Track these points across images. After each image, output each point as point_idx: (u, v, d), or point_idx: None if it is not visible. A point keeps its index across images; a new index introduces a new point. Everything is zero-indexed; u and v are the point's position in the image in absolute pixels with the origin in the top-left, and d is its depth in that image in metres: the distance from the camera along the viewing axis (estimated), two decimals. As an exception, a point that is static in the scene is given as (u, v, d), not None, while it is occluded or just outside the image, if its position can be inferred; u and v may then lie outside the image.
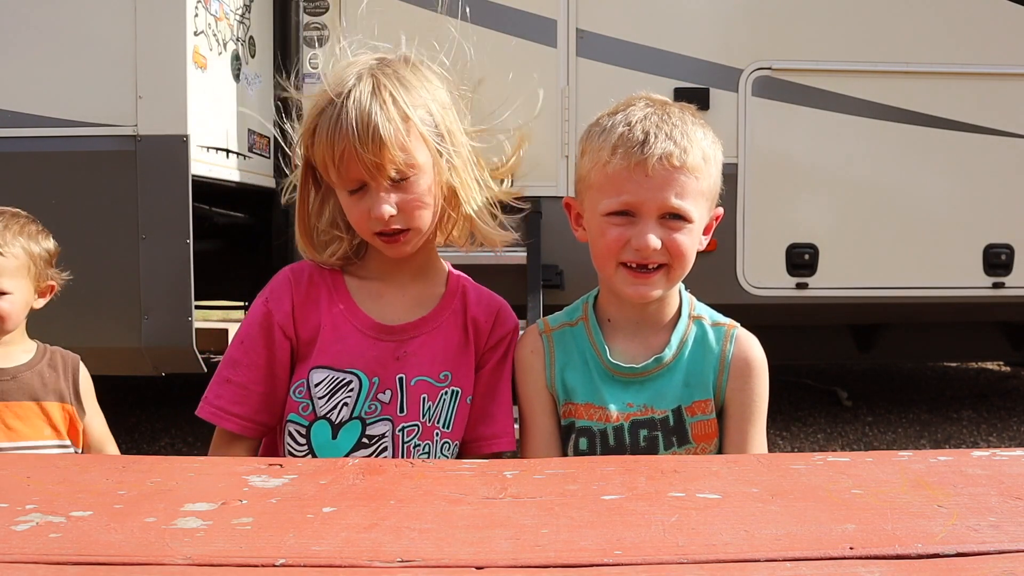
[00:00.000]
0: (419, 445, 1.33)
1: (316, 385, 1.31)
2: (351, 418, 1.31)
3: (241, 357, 1.33)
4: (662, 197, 1.25)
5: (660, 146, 1.24)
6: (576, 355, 1.36)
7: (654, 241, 1.25)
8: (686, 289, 1.40)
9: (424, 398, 1.33)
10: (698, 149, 1.27)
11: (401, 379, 1.32)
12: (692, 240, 1.28)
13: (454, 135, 1.33)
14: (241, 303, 5.67)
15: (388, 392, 1.32)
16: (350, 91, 1.26)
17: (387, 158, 1.24)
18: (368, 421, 1.31)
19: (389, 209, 1.26)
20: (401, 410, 1.32)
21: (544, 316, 1.50)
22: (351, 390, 1.31)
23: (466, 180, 1.34)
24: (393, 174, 1.25)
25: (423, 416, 1.33)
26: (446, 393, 1.34)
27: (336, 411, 1.31)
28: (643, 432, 1.32)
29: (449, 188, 1.33)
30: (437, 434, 1.34)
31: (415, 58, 1.36)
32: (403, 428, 1.32)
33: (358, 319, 1.34)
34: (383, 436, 1.32)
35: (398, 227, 1.28)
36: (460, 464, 0.98)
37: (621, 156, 1.26)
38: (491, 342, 1.39)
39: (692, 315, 1.37)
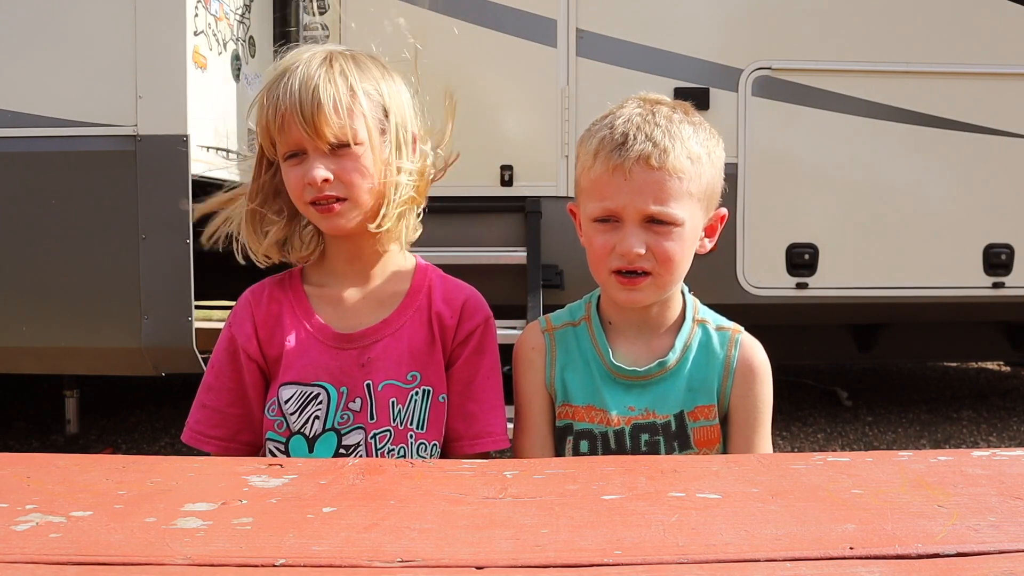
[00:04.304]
0: (393, 450, 1.31)
1: (286, 401, 1.30)
2: (324, 430, 1.30)
3: (213, 382, 1.35)
4: (641, 201, 1.23)
5: (638, 148, 1.22)
6: (577, 356, 1.35)
7: (636, 247, 1.23)
8: (690, 292, 1.39)
9: (393, 402, 1.31)
10: (682, 149, 1.23)
11: (369, 385, 1.31)
12: (681, 244, 1.26)
13: (404, 126, 1.32)
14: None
15: (358, 400, 1.31)
16: (299, 63, 1.27)
17: (324, 121, 1.23)
18: (343, 431, 1.30)
19: (323, 172, 1.25)
20: (372, 417, 1.30)
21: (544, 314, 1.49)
22: (320, 403, 1.30)
23: (403, 170, 1.32)
24: (330, 138, 1.24)
25: (393, 420, 1.31)
26: (416, 394, 1.32)
27: (309, 425, 1.30)
28: (644, 436, 1.30)
29: (386, 171, 1.31)
30: (411, 436, 1.31)
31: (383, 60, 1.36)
32: (375, 435, 1.30)
33: (318, 330, 1.33)
34: (358, 445, 1.30)
35: (334, 195, 1.27)
36: (460, 464, 0.98)
37: (601, 160, 1.24)
38: (459, 337, 1.35)
39: (696, 319, 1.35)
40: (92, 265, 3.08)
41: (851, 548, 0.71)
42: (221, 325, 1.41)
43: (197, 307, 3.12)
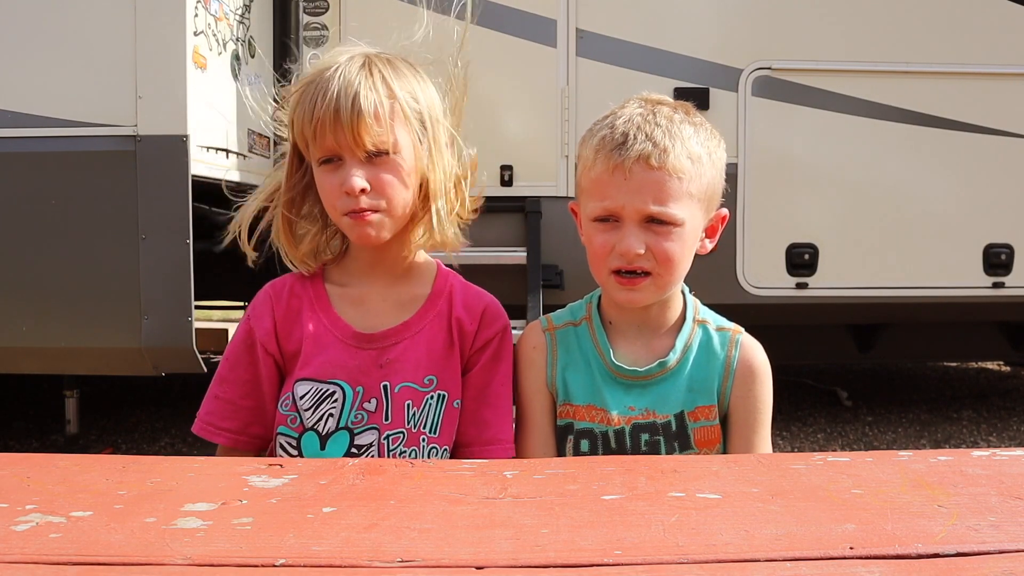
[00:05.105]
0: (404, 452, 1.31)
1: (301, 397, 1.30)
2: (338, 428, 1.30)
3: (227, 374, 1.35)
4: (640, 201, 1.23)
5: (638, 147, 1.22)
6: (578, 355, 1.35)
7: (636, 246, 1.23)
8: (691, 292, 1.39)
9: (408, 404, 1.31)
10: (682, 149, 1.23)
11: (386, 387, 1.31)
12: (681, 245, 1.26)
13: (437, 130, 1.31)
14: (241, 303, 5.67)
15: (373, 401, 1.31)
16: (339, 66, 1.26)
17: (364, 129, 1.22)
18: (356, 431, 1.30)
19: (360, 182, 1.24)
20: (386, 418, 1.30)
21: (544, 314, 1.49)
22: (335, 401, 1.30)
23: (439, 177, 1.31)
24: (369, 146, 1.23)
25: (408, 423, 1.31)
26: (432, 398, 1.32)
27: (322, 422, 1.30)
28: (644, 436, 1.30)
29: (423, 181, 1.31)
30: (424, 440, 1.32)
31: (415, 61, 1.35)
32: (388, 436, 1.30)
33: (338, 328, 1.32)
34: (370, 446, 1.30)
35: (367, 208, 1.26)
36: (460, 464, 0.98)
37: (602, 160, 1.24)
38: (477, 344, 1.36)
39: (696, 319, 1.35)
40: (92, 265, 3.08)
41: (851, 548, 0.71)
42: (221, 325, 1.42)
43: (197, 307, 3.12)
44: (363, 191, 1.24)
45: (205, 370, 3.09)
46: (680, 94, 3.57)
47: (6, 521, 0.78)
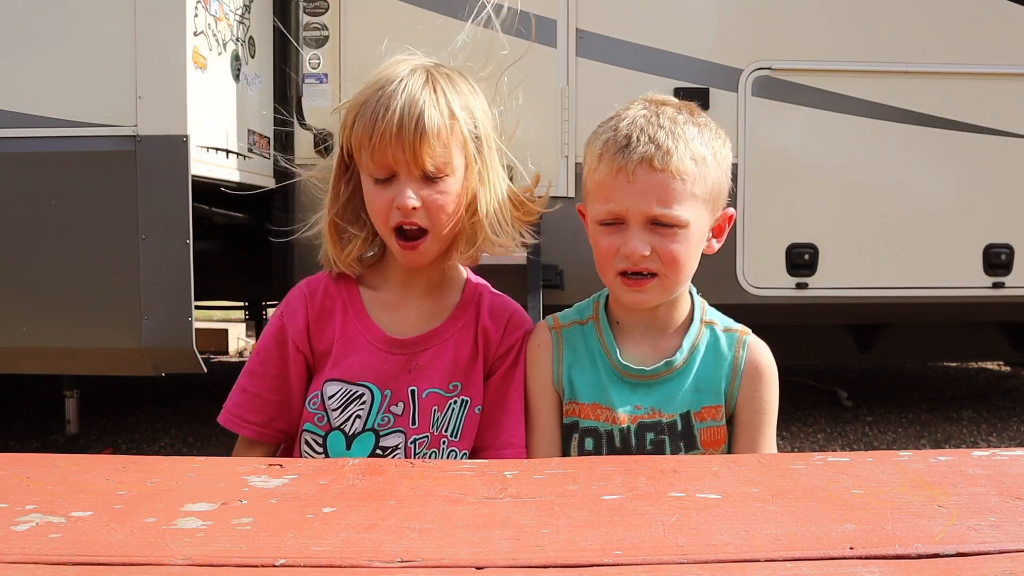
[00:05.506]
0: (426, 454, 1.33)
1: (330, 397, 1.32)
2: (364, 430, 1.32)
3: (257, 368, 1.36)
4: (645, 204, 1.23)
5: (641, 150, 1.22)
6: (584, 354, 1.35)
7: (641, 248, 1.23)
8: (698, 293, 1.39)
9: (435, 409, 1.33)
10: (686, 150, 1.23)
11: (413, 391, 1.33)
12: (686, 246, 1.25)
13: (490, 147, 1.33)
14: (241, 303, 5.67)
15: (401, 404, 1.32)
16: (403, 79, 1.26)
17: (426, 148, 1.22)
18: (382, 433, 1.32)
19: (413, 200, 1.24)
20: (413, 422, 1.32)
21: (546, 315, 1.50)
22: (363, 402, 1.32)
23: (490, 194, 1.33)
24: (428, 167, 1.24)
25: (433, 427, 1.33)
26: (455, 403, 1.34)
27: (349, 423, 1.32)
28: (650, 435, 1.30)
29: (472, 197, 1.32)
30: (444, 443, 1.33)
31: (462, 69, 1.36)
32: (415, 440, 1.32)
33: (370, 332, 1.34)
34: (396, 448, 1.32)
35: (418, 224, 1.27)
36: (460, 464, 0.98)
37: (606, 162, 1.25)
38: (500, 351, 1.38)
39: (704, 320, 1.35)
40: (92, 265, 3.08)
41: (851, 548, 0.71)
42: (221, 325, 1.43)
43: (197, 307, 3.12)
44: (415, 209, 1.25)
45: (205, 370, 3.09)
46: (680, 94, 3.57)
47: (6, 521, 0.77)
